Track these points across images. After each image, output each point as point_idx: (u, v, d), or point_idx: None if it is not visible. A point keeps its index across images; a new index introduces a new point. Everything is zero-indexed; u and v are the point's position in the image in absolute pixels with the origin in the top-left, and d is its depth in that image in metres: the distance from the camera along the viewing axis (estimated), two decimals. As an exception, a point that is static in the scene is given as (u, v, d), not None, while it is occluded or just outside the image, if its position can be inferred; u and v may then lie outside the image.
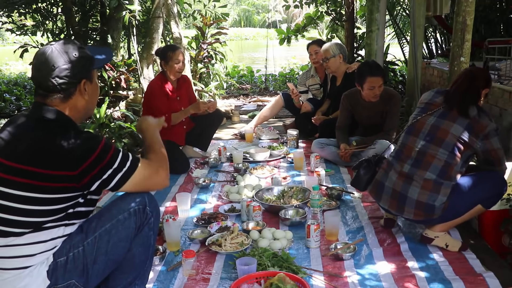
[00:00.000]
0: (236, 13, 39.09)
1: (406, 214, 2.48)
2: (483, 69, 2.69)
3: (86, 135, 1.66)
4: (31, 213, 1.59)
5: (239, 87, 9.21)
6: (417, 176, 2.42)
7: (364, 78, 3.71)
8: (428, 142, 2.45)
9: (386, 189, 2.54)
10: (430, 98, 2.59)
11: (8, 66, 13.99)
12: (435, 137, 2.43)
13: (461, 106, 2.42)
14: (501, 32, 6.97)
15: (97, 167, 1.63)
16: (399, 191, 2.47)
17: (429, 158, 2.41)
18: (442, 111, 2.48)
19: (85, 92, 1.73)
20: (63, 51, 1.67)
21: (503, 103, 4.18)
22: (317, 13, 8.07)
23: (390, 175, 2.53)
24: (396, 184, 2.49)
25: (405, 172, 2.47)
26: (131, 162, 1.72)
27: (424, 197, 2.39)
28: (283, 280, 1.95)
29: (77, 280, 1.69)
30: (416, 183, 2.42)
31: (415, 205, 2.42)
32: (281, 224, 2.84)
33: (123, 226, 1.75)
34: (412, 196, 2.42)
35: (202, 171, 3.97)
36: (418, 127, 2.52)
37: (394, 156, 2.59)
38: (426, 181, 2.40)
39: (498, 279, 2.16)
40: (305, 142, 4.76)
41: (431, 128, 2.46)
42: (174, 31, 6.38)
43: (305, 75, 5.39)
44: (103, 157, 1.64)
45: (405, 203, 2.45)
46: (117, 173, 1.68)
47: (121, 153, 1.70)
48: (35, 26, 7.57)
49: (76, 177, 1.60)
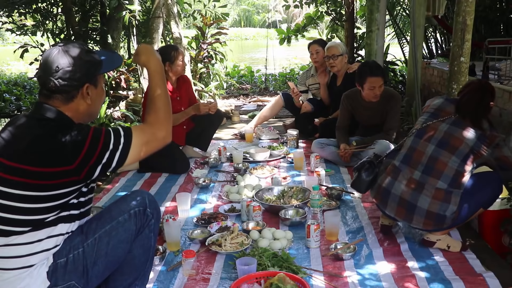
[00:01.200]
0: (236, 13, 39.08)
1: (414, 223, 2.44)
2: (489, 82, 2.71)
3: (76, 127, 1.64)
4: (32, 211, 1.60)
5: (239, 87, 9.21)
6: (428, 185, 2.38)
7: (365, 78, 3.71)
8: (440, 148, 2.41)
9: (392, 197, 2.48)
10: (440, 104, 2.57)
11: (9, 66, 14.00)
12: (449, 144, 2.40)
13: (475, 118, 2.43)
14: (501, 32, 6.97)
15: (94, 155, 1.61)
16: (407, 200, 2.42)
17: (441, 166, 2.38)
18: (454, 119, 2.46)
19: (87, 96, 1.72)
20: (69, 53, 1.67)
21: (503, 103, 4.17)
22: (317, 13, 8.07)
23: (397, 182, 2.47)
24: (405, 192, 2.43)
25: (415, 180, 2.42)
26: (124, 137, 1.68)
27: (435, 207, 2.36)
28: (283, 280, 1.95)
29: (77, 282, 1.69)
30: (427, 192, 2.38)
31: (425, 215, 2.38)
32: (281, 224, 2.84)
33: (123, 228, 1.75)
34: (422, 206, 2.38)
35: (202, 171, 3.97)
36: (430, 132, 2.48)
37: (402, 160, 2.52)
38: (437, 190, 2.37)
39: (498, 279, 2.16)
40: (305, 142, 4.76)
41: (445, 134, 2.43)
42: (174, 31, 6.39)
43: (305, 75, 5.38)
44: (96, 144, 1.62)
45: (414, 212, 2.40)
46: (115, 153, 1.65)
47: (112, 133, 1.67)
48: (35, 26, 7.56)
49: (75, 170, 1.60)
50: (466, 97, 2.49)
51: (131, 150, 1.68)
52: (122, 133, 1.69)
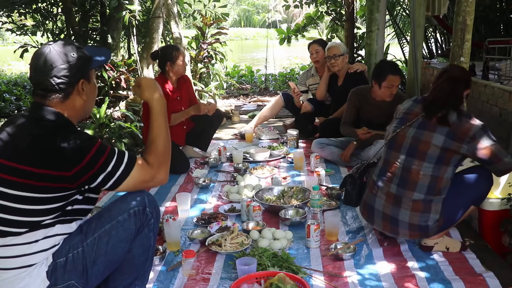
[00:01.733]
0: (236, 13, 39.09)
1: (401, 236, 2.43)
2: (462, 69, 2.55)
3: (83, 136, 1.65)
4: (28, 213, 1.59)
5: (239, 87, 9.21)
6: (405, 198, 2.32)
7: (385, 75, 3.66)
8: (410, 157, 2.32)
9: (376, 213, 2.45)
10: (408, 107, 2.46)
11: (10, 66, 14.00)
12: (417, 150, 2.30)
13: (441, 114, 2.28)
14: (501, 32, 6.97)
15: (91, 170, 1.62)
16: (389, 215, 2.38)
17: (414, 176, 2.30)
18: (421, 121, 2.35)
19: (83, 92, 1.73)
20: (61, 51, 1.66)
21: (503, 103, 4.18)
22: (317, 13, 8.07)
23: (378, 198, 2.43)
24: (386, 207, 2.39)
25: (393, 194, 2.36)
26: (125, 165, 1.68)
27: (415, 219, 2.32)
28: (283, 280, 1.95)
29: (77, 281, 1.69)
30: (405, 205, 2.32)
31: (408, 227, 2.35)
32: (281, 224, 2.84)
33: (122, 227, 1.75)
34: (403, 220, 2.34)
35: (202, 171, 3.97)
36: (399, 141, 2.39)
37: (378, 175, 2.47)
38: (414, 202, 2.30)
39: (498, 279, 2.16)
40: (305, 142, 4.76)
41: (412, 140, 2.34)
42: (174, 31, 6.39)
43: (305, 75, 5.38)
44: (97, 159, 1.62)
45: (398, 226, 2.37)
46: (112, 177, 1.66)
47: (115, 156, 1.67)
48: (35, 26, 7.57)
49: (71, 178, 1.60)
50: (434, 92, 2.35)
51: (127, 179, 1.69)
52: (125, 160, 1.69)
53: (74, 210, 1.70)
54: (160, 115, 1.82)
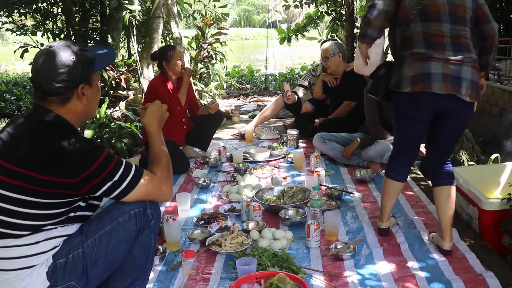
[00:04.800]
0: (236, 13, 39.12)
1: (463, 94, 2.29)
2: None
3: (90, 144, 1.64)
4: (30, 217, 1.59)
5: (239, 87, 9.22)
6: (466, 58, 2.28)
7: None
8: (455, 24, 2.28)
9: (434, 77, 2.27)
10: None
11: (14, 66, 14.01)
12: (458, 16, 2.28)
13: None
14: (501, 32, 6.97)
15: (97, 178, 1.61)
16: (451, 74, 2.26)
17: (463, 40, 2.29)
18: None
19: (83, 96, 1.70)
20: (62, 54, 1.65)
21: (503, 103, 4.18)
22: (317, 13, 8.07)
23: (433, 63, 2.28)
24: (446, 68, 2.27)
25: (452, 59, 2.27)
26: (132, 177, 1.69)
27: (475, 76, 2.29)
28: (283, 280, 1.95)
29: (77, 282, 1.68)
30: (467, 63, 2.28)
31: (471, 85, 2.28)
32: (281, 224, 2.84)
33: (123, 229, 1.74)
34: (466, 77, 2.27)
35: (202, 171, 3.97)
36: (434, 10, 2.29)
37: (425, 47, 2.31)
38: (474, 60, 2.31)
39: (498, 279, 2.16)
40: (305, 142, 4.76)
41: (449, 7, 2.28)
42: (174, 31, 6.39)
43: (311, 73, 5.37)
44: (103, 169, 1.62)
45: (460, 85, 2.27)
46: (117, 187, 1.66)
47: (123, 167, 1.67)
48: (35, 26, 7.58)
49: (76, 185, 1.60)
50: None
51: (133, 191, 1.70)
52: (132, 172, 1.70)
53: (76, 217, 1.70)
54: (157, 138, 1.91)
